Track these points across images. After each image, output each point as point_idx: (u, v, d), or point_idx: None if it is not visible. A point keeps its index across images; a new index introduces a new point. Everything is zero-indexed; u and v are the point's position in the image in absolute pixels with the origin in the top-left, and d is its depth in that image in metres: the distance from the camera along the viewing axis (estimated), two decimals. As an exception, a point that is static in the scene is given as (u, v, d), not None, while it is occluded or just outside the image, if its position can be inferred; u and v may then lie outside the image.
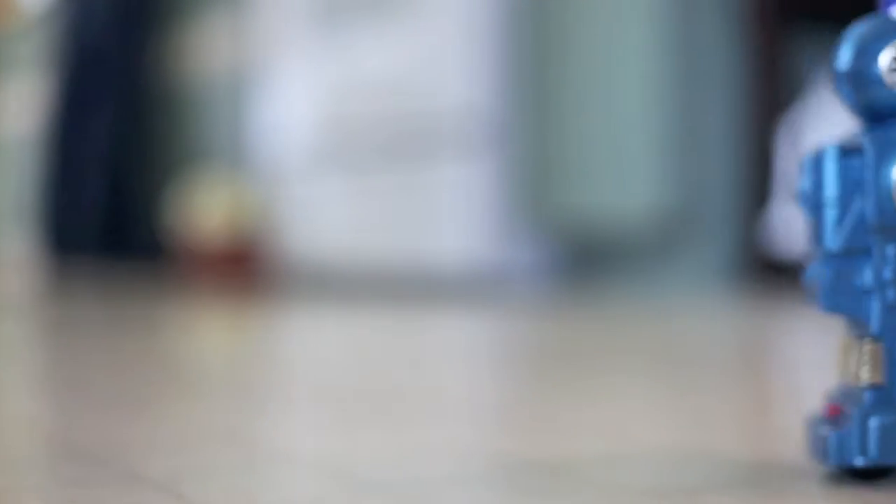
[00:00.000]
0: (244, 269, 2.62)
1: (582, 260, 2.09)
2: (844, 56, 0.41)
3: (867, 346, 0.41)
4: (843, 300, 0.41)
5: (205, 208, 2.62)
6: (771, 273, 1.82)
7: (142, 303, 1.78)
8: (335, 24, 2.44)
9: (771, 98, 1.86)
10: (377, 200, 2.32)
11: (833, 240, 0.41)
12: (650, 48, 1.85)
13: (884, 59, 0.41)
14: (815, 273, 0.42)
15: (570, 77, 1.99)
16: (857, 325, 0.42)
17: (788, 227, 1.83)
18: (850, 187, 0.41)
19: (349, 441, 0.51)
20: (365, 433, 0.53)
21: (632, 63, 1.88)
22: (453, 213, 2.12)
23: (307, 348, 0.98)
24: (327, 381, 0.74)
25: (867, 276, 0.41)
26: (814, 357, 0.87)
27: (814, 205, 0.42)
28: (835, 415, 0.42)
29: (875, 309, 0.41)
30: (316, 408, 0.62)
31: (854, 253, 0.41)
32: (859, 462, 0.41)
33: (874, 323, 0.41)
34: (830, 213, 0.41)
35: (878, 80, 0.41)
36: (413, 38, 2.22)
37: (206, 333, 1.16)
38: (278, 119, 2.63)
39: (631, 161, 1.88)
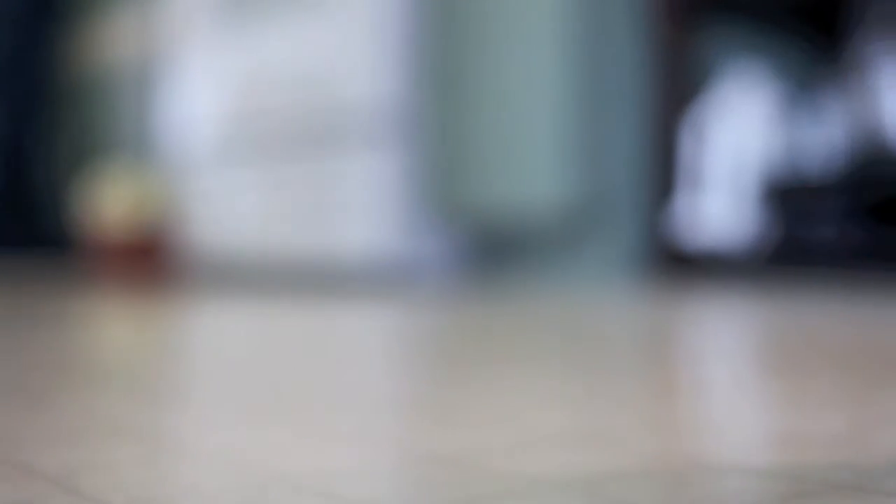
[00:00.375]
0: (150, 260, 2.58)
1: (489, 252, 2.10)
2: None
3: None
4: None
5: (110, 200, 2.58)
6: (675, 264, 1.84)
7: (44, 295, 1.75)
8: (243, 17, 2.41)
9: (675, 91, 1.88)
10: (285, 193, 2.30)
11: None
12: (556, 42, 1.86)
13: None
14: None
15: (477, 71, 1.99)
16: None
17: (692, 218, 1.85)
18: None
19: (253, 434, 0.50)
20: (269, 426, 0.53)
21: (539, 57, 1.89)
22: (361, 205, 2.11)
23: (213, 341, 0.97)
24: (233, 375, 0.73)
25: None
26: (718, 348, 0.88)
27: None
28: None
29: None
30: (220, 401, 0.61)
31: None
32: None
33: None
34: None
35: None
36: (321, 31, 2.21)
37: (110, 326, 1.14)
38: (186, 111, 2.59)
39: (537, 153, 1.89)
